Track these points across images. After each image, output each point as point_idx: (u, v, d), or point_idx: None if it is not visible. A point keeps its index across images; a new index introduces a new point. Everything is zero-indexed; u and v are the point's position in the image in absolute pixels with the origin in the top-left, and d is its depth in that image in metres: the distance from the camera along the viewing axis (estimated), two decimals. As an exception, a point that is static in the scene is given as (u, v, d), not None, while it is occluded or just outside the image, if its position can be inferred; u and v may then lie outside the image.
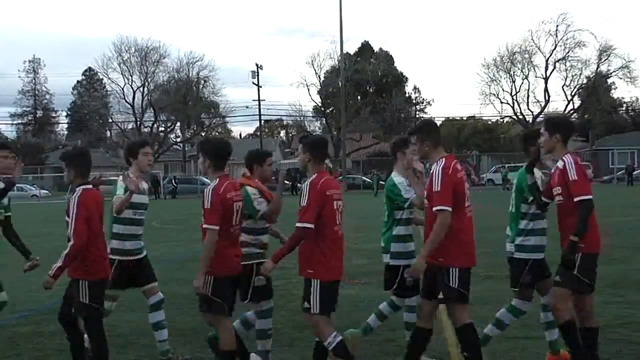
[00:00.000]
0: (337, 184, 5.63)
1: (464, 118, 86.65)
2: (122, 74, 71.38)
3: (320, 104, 74.06)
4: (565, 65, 69.24)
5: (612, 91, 76.29)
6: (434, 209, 5.19)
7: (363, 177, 59.62)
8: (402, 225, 6.17)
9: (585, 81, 70.11)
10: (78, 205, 5.34)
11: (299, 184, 58.97)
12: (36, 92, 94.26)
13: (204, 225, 5.30)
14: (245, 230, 5.88)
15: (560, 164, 5.45)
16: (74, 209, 5.32)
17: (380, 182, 44.59)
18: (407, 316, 6.28)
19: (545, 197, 5.68)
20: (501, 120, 76.53)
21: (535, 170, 5.84)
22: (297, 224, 5.21)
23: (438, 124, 6.53)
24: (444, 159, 5.32)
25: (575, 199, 5.27)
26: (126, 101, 72.09)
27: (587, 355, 5.44)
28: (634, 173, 53.37)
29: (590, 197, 5.29)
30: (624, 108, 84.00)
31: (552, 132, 5.52)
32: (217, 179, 5.45)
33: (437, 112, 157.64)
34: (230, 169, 6.69)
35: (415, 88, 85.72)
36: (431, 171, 5.32)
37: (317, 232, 5.23)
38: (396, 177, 6.17)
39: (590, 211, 5.28)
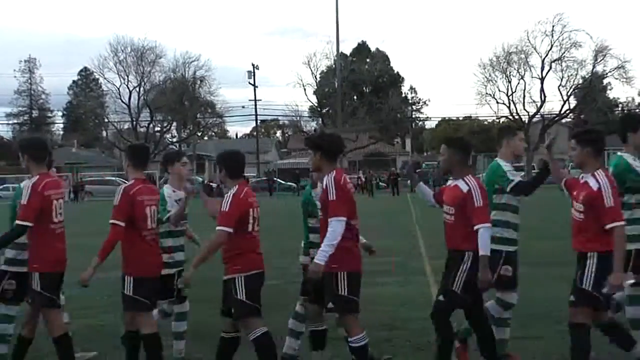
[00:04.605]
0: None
1: (460, 118, 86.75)
2: (118, 73, 71.22)
3: (316, 104, 73.98)
4: (561, 66, 69.27)
5: (608, 91, 76.55)
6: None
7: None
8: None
9: (581, 81, 70.17)
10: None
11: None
12: (32, 92, 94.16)
13: None
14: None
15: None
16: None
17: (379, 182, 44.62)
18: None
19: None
20: (497, 120, 76.60)
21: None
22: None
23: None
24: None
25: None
26: (122, 101, 71.96)
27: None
28: (629, 173, 53.37)
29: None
30: (619, 108, 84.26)
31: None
32: None
33: (433, 112, 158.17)
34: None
35: (411, 88, 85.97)
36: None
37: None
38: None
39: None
